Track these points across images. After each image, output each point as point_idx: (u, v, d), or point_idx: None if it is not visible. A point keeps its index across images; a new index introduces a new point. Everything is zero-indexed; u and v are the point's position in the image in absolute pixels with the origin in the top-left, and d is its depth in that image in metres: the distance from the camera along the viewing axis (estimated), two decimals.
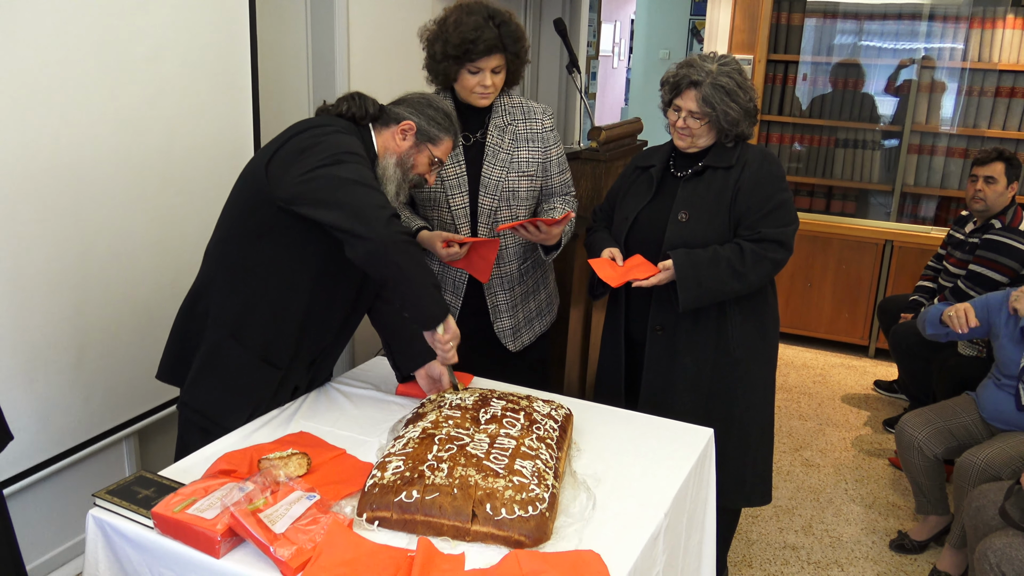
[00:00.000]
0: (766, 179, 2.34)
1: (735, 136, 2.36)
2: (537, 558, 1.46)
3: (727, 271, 2.26)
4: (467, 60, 2.37)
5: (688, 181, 2.38)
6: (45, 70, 2.28)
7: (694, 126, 2.33)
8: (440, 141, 2.12)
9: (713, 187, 2.35)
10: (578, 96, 5.25)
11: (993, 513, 2.40)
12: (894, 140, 5.01)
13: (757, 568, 2.89)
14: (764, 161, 2.37)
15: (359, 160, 1.94)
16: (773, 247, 2.30)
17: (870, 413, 4.18)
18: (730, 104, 2.28)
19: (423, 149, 2.10)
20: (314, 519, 1.52)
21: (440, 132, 2.11)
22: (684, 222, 2.34)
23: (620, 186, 2.59)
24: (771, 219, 2.31)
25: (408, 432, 1.78)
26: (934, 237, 4.64)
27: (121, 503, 1.61)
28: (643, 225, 2.42)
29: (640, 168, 2.52)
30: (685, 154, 2.43)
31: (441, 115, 2.12)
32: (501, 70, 2.39)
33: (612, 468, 1.84)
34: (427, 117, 2.10)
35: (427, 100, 2.14)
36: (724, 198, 2.33)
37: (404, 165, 2.09)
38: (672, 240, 2.34)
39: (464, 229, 2.48)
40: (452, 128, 2.14)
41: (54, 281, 2.40)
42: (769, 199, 2.32)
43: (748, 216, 2.32)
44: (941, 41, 4.81)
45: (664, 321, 2.41)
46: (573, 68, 3.62)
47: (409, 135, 2.09)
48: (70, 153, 2.38)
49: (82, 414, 2.57)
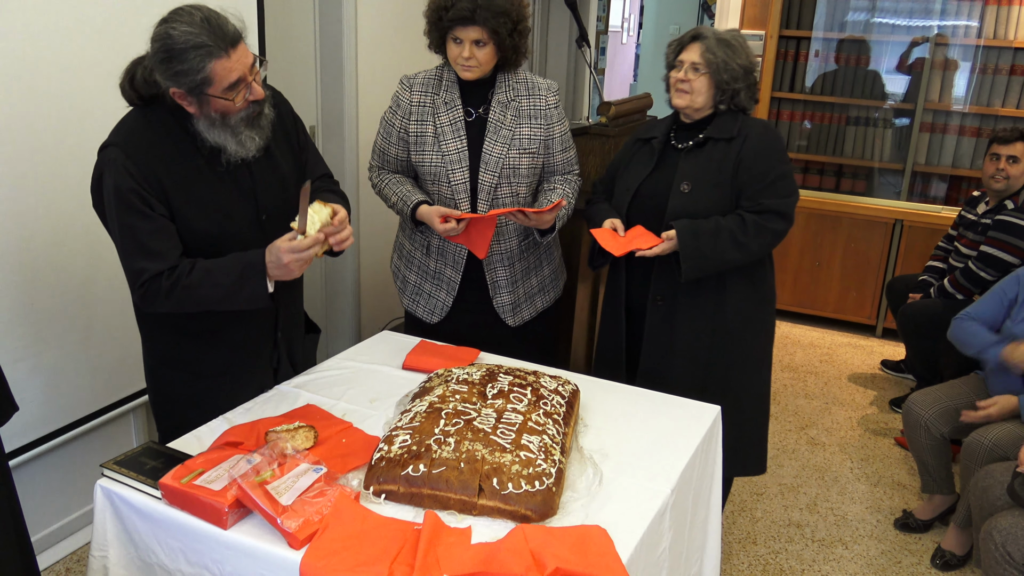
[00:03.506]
0: (767, 151, 2.36)
1: (732, 100, 2.38)
2: (543, 533, 1.46)
3: (729, 241, 2.29)
4: (445, 28, 2.35)
5: (689, 152, 2.40)
6: (56, 62, 2.27)
7: (694, 79, 2.35)
8: (211, 74, 1.71)
9: (715, 158, 2.37)
10: (587, 71, 5.21)
11: (999, 493, 2.39)
12: (905, 118, 4.96)
13: (761, 545, 2.90)
14: (765, 133, 2.40)
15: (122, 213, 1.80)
16: (774, 218, 2.33)
17: (877, 392, 4.18)
18: (732, 56, 2.33)
19: (205, 100, 1.77)
20: (321, 492, 1.52)
21: (200, 68, 1.70)
22: (686, 193, 2.36)
23: (621, 158, 2.59)
24: (772, 190, 2.34)
25: (415, 406, 1.78)
26: (944, 217, 4.61)
27: (129, 474, 1.61)
28: (644, 196, 2.43)
29: (641, 140, 2.53)
30: (686, 125, 2.44)
31: (181, 53, 1.69)
32: (486, 44, 2.35)
33: (619, 444, 1.84)
34: (174, 72, 1.71)
35: (159, 50, 1.71)
36: (726, 169, 2.35)
37: (215, 120, 1.80)
38: (674, 211, 2.35)
39: (464, 205, 2.47)
40: (203, 50, 1.69)
41: (62, 253, 2.40)
42: (770, 170, 2.35)
43: (749, 187, 2.34)
44: (956, 18, 4.74)
45: (664, 291, 2.43)
46: (583, 42, 3.58)
47: (185, 98, 1.77)
48: (78, 131, 2.37)
49: (90, 386, 2.57)
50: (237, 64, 1.75)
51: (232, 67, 1.74)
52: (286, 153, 2.05)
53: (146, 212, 1.80)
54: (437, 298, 2.61)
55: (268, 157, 1.97)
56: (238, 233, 1.93)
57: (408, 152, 2.50)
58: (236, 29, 1.76)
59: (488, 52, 2.36)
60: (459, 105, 2.46)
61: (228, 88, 1.75)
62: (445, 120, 2.45)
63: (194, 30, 1.69)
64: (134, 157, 1.80)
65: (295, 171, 2.07)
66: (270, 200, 1.98)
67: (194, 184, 1.86)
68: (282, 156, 2.03)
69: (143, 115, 1.86)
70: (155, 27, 1.74)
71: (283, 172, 2.02)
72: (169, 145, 1.84)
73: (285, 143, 2.05)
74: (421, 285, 2.63)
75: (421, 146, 2.47)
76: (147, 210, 1.80)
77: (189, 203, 1.86)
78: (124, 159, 1.79)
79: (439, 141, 2.44)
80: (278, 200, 2.00)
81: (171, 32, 1.70)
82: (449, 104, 2.45)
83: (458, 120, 2.45)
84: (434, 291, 2.61)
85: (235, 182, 1.92)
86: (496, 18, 2.30)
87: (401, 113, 2.49)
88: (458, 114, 2.45)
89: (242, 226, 1.94)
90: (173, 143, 1.83)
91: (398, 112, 2.50)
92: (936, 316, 3.73)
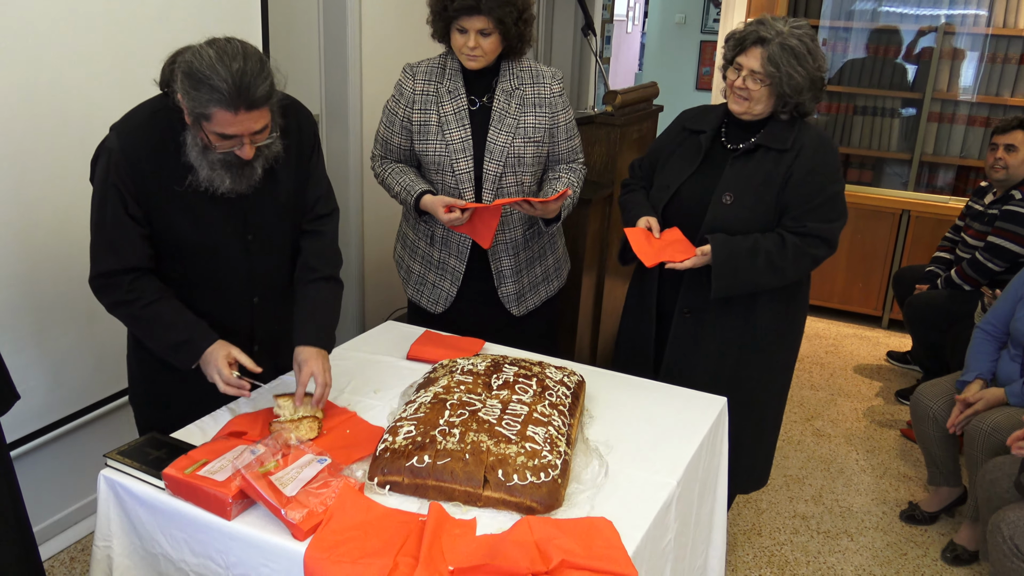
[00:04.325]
0: (820, 168, 2.21)
1: (794, 109, 2.24)
2: (549, 524, 1.45)
3: (765, 264, 2.18)
4: (450, 18, 2.33)
5: (737, 159, 2.27)
6: (59, 52, 2.26)
7: (753, 88, 2.18)
8: (212, 116, 1.65)
9: (763, 169, 2.23)
10: (593, 60, 5.18)
11: (1007, 486, 2.38)
12: (913, 108, 4.92)
13: (767, 537, 2.90)
14: (820, 148, 2.24)
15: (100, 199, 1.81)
16: (817, 243, 2.21)
17: (882, 384, 4.16)
18: (796, 68, 2.14)
19: (198, 128, 1.70)
20: (325, 483, 1.52)
21: (206, 105, 1.63)
22: (728, 204, 2.23)
23: (664, 145, 2.46)
24: (819, 212, 2.21)
25: (420, 397, 1.77)
26: (952, 207, 4.58)
27: (132, 464, 1.61)
28: (684, 198, 2.32)
29: (689, 130, 2.39)
30: (739, 122, 2.30)
31: (198, 82, 1.62)
32: (490, 33, 2.32)
33: (624, 435, 1.83)
34: (187, 91, 1.65)
35: (189, 64, 1.64)
36: (773, 183, 2.22)
37: (198, 145, 1.74)
38: (712, 223, 2.24)
39: (468, 194, 2.45)
40: (216, 95, 1.62)
41: (65, 240, 2.39)
42: (820, 191, 2.21)
43: (795, 206, 2.21)
44: (964, 7, 4.70)
45: (692, 304, 2.33)
46: (588, 31, 3.56)
47: (185, 111, 1.70)
48: (80, 121, 2.36)
49: (93, 375, 2.57)
50: (240, 124, 1.67)
51: (233, 123, 1.67)
52: (292, 178, 1.96)
53: (119, 209, 1.79)
54: (441, 288, 2.60)
55: (272, 182, 1.89)
56: (219, 246, 1.89)
57: (411, 141, 2.48)
58: (264, 93, 1.66)
59: (493, 41, 2.34)
60: (463, 94, 2.44)
61: (220, 136, 1.69)
62: (449, 109, 2.43)
63: (221, 72, 1.61)
64: (128, 154, 1.77)
65: (297, 195, 1.99)
66: (260, 223, 1.93)
67: (182, 195, 1.81)
68: (287, 179, 1.94)
69: (154, 111, 1.82)
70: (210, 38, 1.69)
71: (281, 200, 1.94)
72: (169, 151, 1.79)
73: (296, 164, 1.96)
74: (425, 275, 2.62)
75: (425, 135, 2.45)
76: (121, 208, 1.79)
77: (173, 210, 1.82)
78: (118, 153, 1.77)
79: (443, 130, 2.42)
80: (269, 226, 1.95)
81: (203, 57, 1.63)
82: (453, 93, 2.43)
83: (462, 109, 2.43)
84: (438, 281, 2.60)
85: (228, 200, 1.85)
86: (501, 7, 2.28)
87: (404, 102, 2.47)
88: (462, 103, 2.44)
89: (225, 241, 1.90)
90: (173, 149, 1.79)
91: (401, 101, 2.48)
92: (943, 307, 3.72)
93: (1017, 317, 2.79)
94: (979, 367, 2.86)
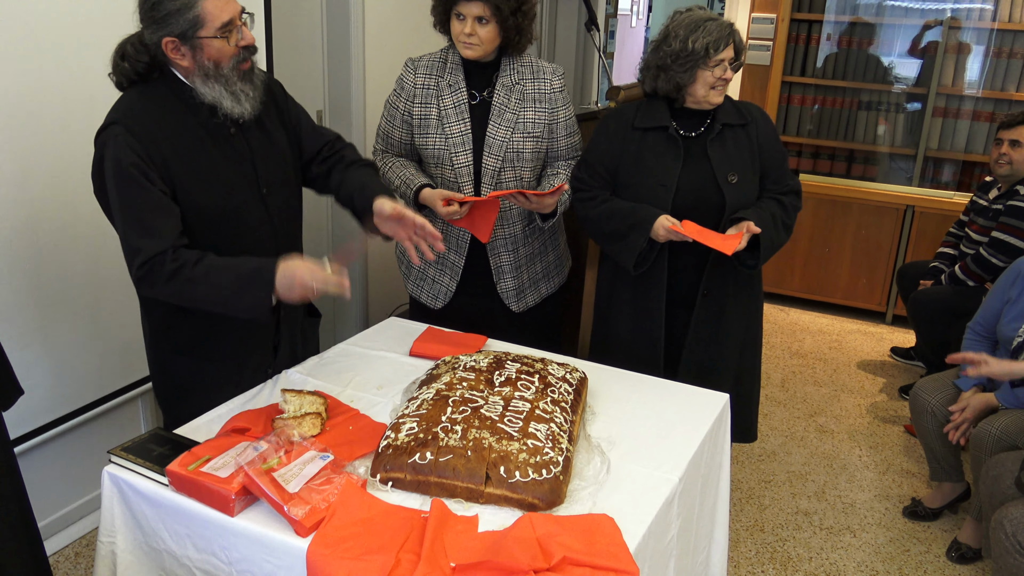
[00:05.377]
0: (774, 133, 2.46)
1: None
2: (551, 521, 1.45)
3: (783, 226, 2.37)
4: (450, 3, 2.34)
5: (714, 141, 2.37)
6: (62, 48, 2.26)
7: (482, 31, 2.33)
8: (201, 15, 1.70)
9: (740, 144, 2.39)
10: (596, 55, 5.17)
11: (1010, 482, 2.38)
12: (918, 103, 4.90)
13: (769, 533, 2.90)
14: (763, 114, 2.47)
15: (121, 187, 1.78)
16: (795, 197, 2.44)
17: (886, 380, 4.15)
18: None
19: (198, 45, 1.74)
20: (328, 479, 1.52)
21: (190, 9, 1.69)
22: (736, 184, 2.36)
23: (617, 149, 2.40)
24: (787, 171, 2.45)
25: (422, 394, 1.77)
26: (956, 203, 4.57)
27: (136, 460, 1.61)
28: (685, 192, 2.35)
29: (641, 129, 2.39)
30: (687, 113, 2.38)
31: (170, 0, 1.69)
32: (488, 21, 2.32)
33: (626, 432, 1.83)
34: (165, 20, 1.70)
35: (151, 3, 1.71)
36: (753, 154, 2.39)
37: (209, 71, 1.78)
38: (734, 204, 2.35)
39: (467, 188, 2.45)
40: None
41: (69, 238, 2.39)
42: (782, 153, 2.45)
43: (773, 169, 2.42)
44: (970, 1, 4.67)
45: (715, 285, 2.44)
46: (592, 26, 3.55)
47: (178, 49, 1.75)
48: (84, 117, 2.36)
49: (98, 371, 2.58)
50: (227, 3, 1.73)
51: (223, 5, 1.72)
52: (278, 127, 2.04)
53: (146, 186, 1.77)
54: (441, 283, 2.60)
55: (262, 129, 1.97)
56: (240, 207, 1.92)
57: (412, 135, 2.49)
58: None
59: (490, 30, 2.34)
60: (463, 88, 2.44)
61: (221, 27, 1.72)
62: (449, 103, 2.43)
63: None
64: (135, 132, 1.78)
65: (290, 145, 2.06)
66: (269, 172, 1.98)
67: (195, 157, 1.84)
68: (275, 129, 2.02)
69: (140, 93, 1.84)
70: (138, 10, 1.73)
71: (279, 144, 2.02)
72: (169, 118, 1.82)
73: (277, 117, 2.04)
74: (425, 270, 2.63)
75: (425, 129, 2.45)
76: (147, 184, 1.77)
77: (191, 176, 1.84)
78: (125, 134, 1.77)
79: (443, 124, 2.43)
80: (277, 172, 2.00)
81: None
82: (453, 87, 2.44)
83: (462, 103, 2.43)
84: (438, 276, 2.60)
85: (234, 152, 1.90)
86: None
87: (405, 96, 2.47)
88: (462, 97, 2.44)
89: (244, 199, 1.93)
90: (173, 116, 1.82)
91: (402, 95, 2.48)
92: (947, 303, 3.71)
93: (1004, 322, 2.78)
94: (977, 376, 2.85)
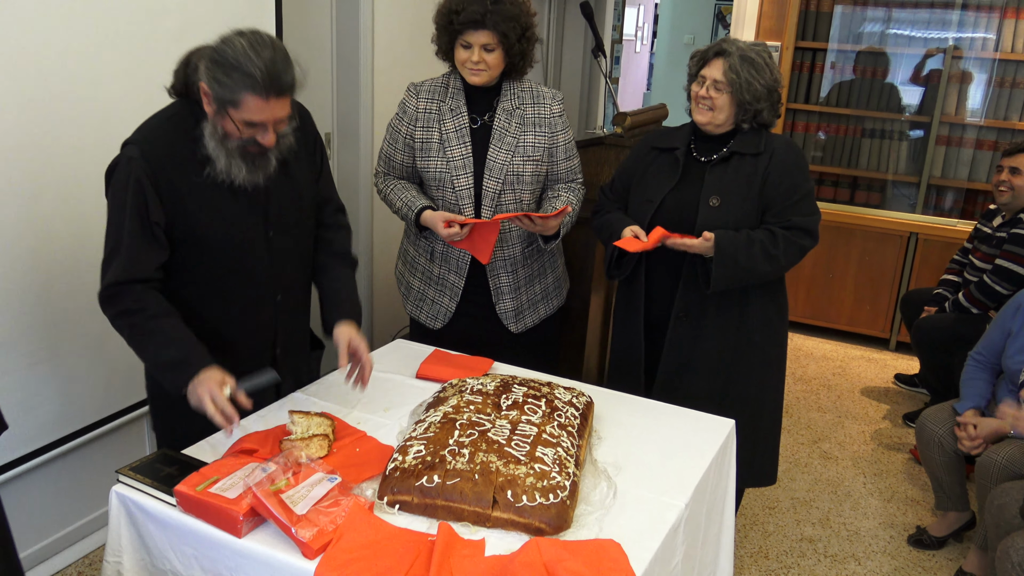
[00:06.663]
0: (793, 168, 2.36)
1: (754, 117, 2.36)
2: (557, 546, 1.45)
3: (761, 253, 2.29)
4: (455, 32, 2.36)
5: (715, 166, 2.38)
6: (76, 67, 2.29)
7: (716, 96, 2.32)
8: (241, 102, 1.72)
9: (742, 173, 2.36)
10: (602, 80, 5.21)
11: (1015, 512, 2.37)
12: (921, 131, 4.94)
13: (773, 560, 2.88)
14: (790, 150, 2.40)
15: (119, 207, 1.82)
16: (802, 234, 2.34)
17: (890, 406, 4.15)
18: (755, 76, 2.30)
19: (223, 115, 1.76)
20: (335, 501, 1.52)
21: (236, 91, 1.70)
22: (715, 207, 2.34)
23: (633, 167, 2.54)
24: (798, 208, 2.34)
25: (429, 416, 1.78)
26: (960, 230, 4.58)
27: (144, 480, 1.62)
28: (670, 209, 2.40)
29: (658, 150, 2.50)
30: (707, 137, 2.42)
31: (230, 68, 1.69)
32: (494, 48, 2.36)
33: (633, 457, 1.83)
34: (215, 77, 1.72)
35: (218, 52, 1.72)
36: (754, 184, 2.34)
37: (217, 134, 1.80)
38: (704, 224, 2.33)
39: (468, 211, 2.48)
40: (248, 80, 1.69)
41: (78, 257, 2.41)
42: (797, 188, 2.35)
43: (776, 204, 2.34)
44: (973, 31, 4.72)
45: (689, 305, 2.41)
46: (599, 52, 3.58)
47: (207, 97, 1.76)
48: (96, 135, 2.38)
49: (105, 390, 2.59)
50: (269, 111, 1.75)
51: (263, 110, 1.74)
52: (305, 171, 2.03)
53: (142, 215, 1.80)
54: (440, 304, 2.62)
55: (287, 175, 1.96)
56: (242, 245, 1.93)
57: (414, 158, 2.52)
58: (292, 82, 1.76)
59: (497, 57, 2.38)
60: (464, 112, 2.47)
61: (247, 123, 1.76)
62: (450, 127, 2.46)
63: (254, 59, 1.68)
64: (150, 158, 1.81)
65: (311, 190, 2.07)
66: (281, 217, 1.97)
67: (205, 189, 1.86)
68: (300, 173, 2.01)
69: (167, 117, 1.88)
70: (230, 31, 1.75)
71: (300, 191, 2.01)
72: (188, 150, 1.84)
73: (306, 159, 2.04)
74: (424, 291, 2.64)
75: (426, 152, 2.48)
76: (143, 213, 1.80)
77: (198, 208, 1.86)
78: (140, 158, 1.80)
79: (444, 147, 2.46)
80: (290, 215, 2.00)
81: (235, 44, 1.70)
82: (455, 111, 2.47)
83: (463, 127, 2.47)
84: (437, 297, 2.62)
85: (246, 191, 1.90)
86: (506, 22, 2.33)
87: (407, 119, 2.51)
88: (463, 121, 2.47)
89: (247, 238, 1.94)
90: (193, 148, 1.84)
91: (404, 118, 2.51)
92: (951, 330, 3.71)
93: (1008, 355, 2.79)
94: (973, 397, 2.86)
